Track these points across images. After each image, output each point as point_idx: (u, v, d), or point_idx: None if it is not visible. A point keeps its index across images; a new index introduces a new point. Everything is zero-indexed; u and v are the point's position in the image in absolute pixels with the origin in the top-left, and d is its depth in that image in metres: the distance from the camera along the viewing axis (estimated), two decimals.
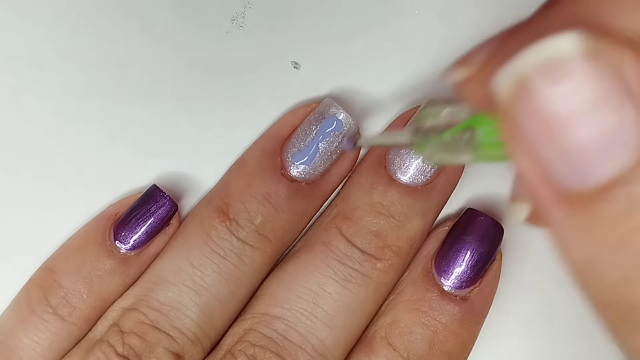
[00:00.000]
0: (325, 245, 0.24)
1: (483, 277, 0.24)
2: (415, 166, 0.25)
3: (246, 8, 0.27)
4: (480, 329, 0.25)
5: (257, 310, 0.24)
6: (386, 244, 0.24)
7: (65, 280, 0.24)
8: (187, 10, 0.27)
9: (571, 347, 0.26)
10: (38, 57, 0.27)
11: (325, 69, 0.27)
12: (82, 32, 0.27)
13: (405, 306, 0.24)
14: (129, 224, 0.25)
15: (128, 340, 0.23)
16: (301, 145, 0.25)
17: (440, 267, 0.24)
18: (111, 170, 0.27)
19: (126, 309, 0.24)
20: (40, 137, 0.27)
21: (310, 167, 0.25)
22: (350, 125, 0.25)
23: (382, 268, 0.24)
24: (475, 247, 0.24)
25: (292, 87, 0.27)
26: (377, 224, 0.24)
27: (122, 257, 0.25)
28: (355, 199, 0.25)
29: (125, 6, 0.27)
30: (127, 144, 0.27)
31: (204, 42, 0.27)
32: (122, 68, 0.27)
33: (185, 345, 0.24)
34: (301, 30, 0.27)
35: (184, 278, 0.24)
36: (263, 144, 0.26)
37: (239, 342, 0.23)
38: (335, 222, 0.25)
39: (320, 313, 0.24)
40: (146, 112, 0.27)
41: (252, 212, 0.25)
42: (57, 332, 0.24)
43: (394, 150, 0.25)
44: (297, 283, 0.24)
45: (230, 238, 0.24)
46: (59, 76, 0.27)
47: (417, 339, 0.23)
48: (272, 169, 0.25)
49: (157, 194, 0.25)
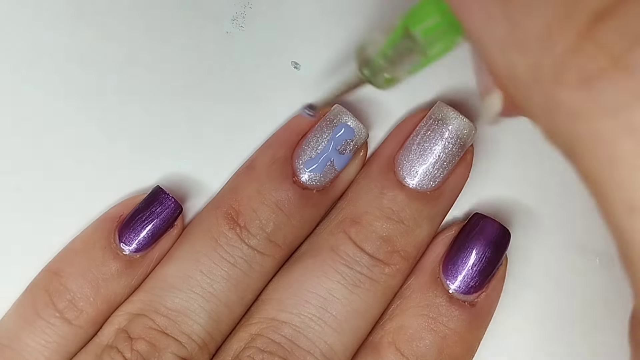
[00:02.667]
0: (333, 250, 0.24)
1: (490, 282, 0.25)
2: (423, 171, 0.25)
3: (246, 8, 0.27)
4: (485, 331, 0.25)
5: (264, 315, 0.24)
6: (395, 249, 0.24)
7: (72, 284, 0.24)
8: (187, 10, 0.27)
9: (572, 347, 0.27)
10: (38, 57, 0.27)
11: (325, 69, 0.27)
12: (83, 33, 0.27)
13: (413, 312, 0.24)
14: (133, 225, 0.25)
15: (136, 346, 0.23)
16: (312, 153, 0.25)
17: (449, 273, 0.24)
18: (114, 171, 0.27)
19: (134, 315, 0.24)
20: (43, 138, 0.26)
21: (322, 175, 0.25)
22: (361, 132, 0.25)
23: (390, 273, 0.24)
24: (483, 253, 0.24)
25: (292, 87, 0.27)
26: (386, 229, 0.24)
27: (128, 259, 0.25)
28: (364, 203, 0.25)
29: (125, 6, 0.27)
30: (129, 145, 0.27)
31: (204, 42, 0.27)
32: (123, 68, 0.27)
33: (193, 350, 0.24)
34: (301, 30, 0.27)
35: (193, 285, 0.24)
36: (273, 150, 0.26)
37: (247, 348, 0.24)
38: (343, 226, 0.25)
39: (328, 318, 0.24)
40: (147, 113, 0.27)
41: (263, 219, 0.25)
42: (64, 335, 0.24)
43: (402, 155, 0.25)
44: (305, 288, 0.24)
45: (240, 245, 0.24)
46: (59, 77, 0.27)
47: (426, 345, 0.24)
48: (283, 175, 0.25)
49: (161, 196, 0.25)
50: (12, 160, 0.26)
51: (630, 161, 0.11)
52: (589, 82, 0.11)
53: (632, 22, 0.11)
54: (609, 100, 0.11)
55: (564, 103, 0.12)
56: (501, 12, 0.12)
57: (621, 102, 0.11)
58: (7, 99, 0.26)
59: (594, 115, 0.11)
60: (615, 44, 0.11)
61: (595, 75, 0.11)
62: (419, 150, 0.25)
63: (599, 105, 0.11)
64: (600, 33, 0.11)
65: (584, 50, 0.11)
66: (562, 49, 0.11)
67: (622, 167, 0.11)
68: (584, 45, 0.11)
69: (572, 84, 0.11)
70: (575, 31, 0.11)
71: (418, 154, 0.25)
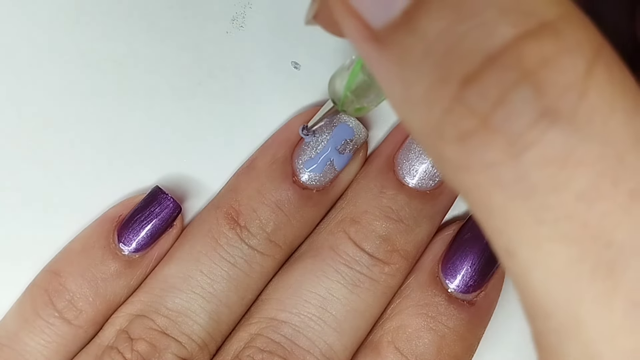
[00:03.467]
0: (332, 250, 0.24)
1: (489, 281, 0.25)
2: (423, 170, 0.25)
3: (246, 8, 0.27)
4: (485, 330, 0.25)
5: (264, 315, 0.24)
6: (394, 248, 0.24)
7: (71, 284, 0.24)
8: (187, 10, 0.27)
9: None
10: (38, 57, 0.27)
11: (325, 69, 0.27)
12: (83, 33, 0.27)
13: (412, 311, 0.24)
14: (132, 225, 0.25)
15: (137, 346, 0.23)
16: (312, 153, 0.25)
17: (448, 272, 0.24)
18: (113, 171, 0.27)
19: (134, 315, 0.24)
20: (42, 138, 0.26)
21: (322, 175, 0.25)
22: (361, 132, 0.25)
23: (389, 272, 0.24)
24: (483, 252, 0.24)
25: (292, 87, 0.27)
26: (386, 228, 0.24)
27: (127, 260, 0.25)
28: (363, 202, 0.25)
29: (125, 6, 0.27)
30: (128, 145, 0.27)
31: (204, 43, 0.27)
32: (123, 68, 0.27)
33: (193, 351, 0.24)
34: (301, 30, 0.27)
35: (193, 285, 0.24)
36: (273, 150, 0.26)
37: (247, 348, 0.24)
38: (343, 225, 0.25)
39: (328, 318, 0.24)
40: (147, 113, 0.27)
41: (263, 219, 0.25)
42: (63, 335, 0.24)
43: (401, 154, 0.25)
44: (305, 288, 0.24)
45: (240, 245, 0.24)
46: (59, 77, 0.27)
47: (425, 344, 0.24)
48: (283, 175, 0.25)
49: (160, 196, 0.25)
50: (12, 160, 0.26)
51: (501, 212, 0.12)
52: (464, 139, 0.12)
53: (494, 85, 0.12)
54: (481, 156, 0.12)
55: (447, 157, 0.13)
56: (396, 72, 0.13)
57: (489, 159, 0.12)
58: (7, 98, 0.26)
59: (471, 170, 0.12)
60: (481, 105, 0.12)
61: (467, 134, 0.12)
62: (419, 150, 0.25)
63: (472, 161, 0.12)
64: (468, 95, 0.12)
65: (456, 111, 0.12)
66: (439, 109, 0.12)
67: (495, 217, 0.12)
68: (456, 107, 0.12)
69: (451, 141, 0.12)
70: (449, 93, 0.12)
71: (417, 153, 0.25)
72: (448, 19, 0.12)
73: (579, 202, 0.12)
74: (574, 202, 0.12)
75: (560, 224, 0.12)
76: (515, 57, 0.12)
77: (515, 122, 0.12)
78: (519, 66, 0.12)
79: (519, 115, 0.12)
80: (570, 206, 0.12)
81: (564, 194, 0.12)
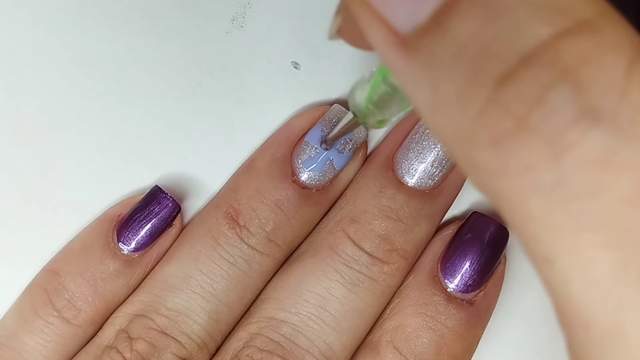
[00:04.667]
0: (332, 249, 0.24)
1: (488, 281, 0.25)
2: (422, 169, 0.25)
3: (246, 8, 0.27)
4: (484, 330, 0.25)
5: (263, 315, 0.24)
6: (394, 247, 0.24)
7: (70, 283, 0.24)
8: (187, 10, 0.27)
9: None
10: (38, 57, 0.27)
11: (325, 69, 0.27)
12: (83, 33, 0.27)
13: (411, 310, 0.24)
14: (131, 225, 0.25)
15: (136, 346, 0.23)
16: (312, 152, 0.25)
17: (447, 271, 0.24)
18: (113, 171, 0.27)
19: (134, 315, 0.24)
20: (42, 138, 0.26)
21: (321, 174, 0.25)
22: (361, 132, 0.25)
23: (389, 271, 0.24)
24: (482, 252, 0.24)
25: (292, 87, 0.27)
26: (385, 227, 0.24)
27: (126, 259, 0.25)
28: (363, 202, 0.25)
29: (125, 6, 0.27)
30: (128, 144, 0.27)
31: (204, 43, 0.27)
32: (123, 68, 0.27)
33: (193, 350, 0.24)
34: (301, 30, 0.27)
35: (193, 285, 0.24)
36: (273, 150, 0.26)
37: (246, 347, 0.24)
38: (342, 225, 0.25)
39: (327, 317, 0.24)
40: (147, 113, 0.27)
41: (263, 218, 0.25)
42: (62, 335, 0.24)
43: (401, 153, 0.25)
44: (304, 287, 0.24)
45: (240, 245, 0.24)
46: (59, 77, 0.27)
47: (424, 344, 0.24)
48: (282, 175, 0.25)
49: (159, 195, 0.25)
50: (12, 160, 0.26)
51: (540, 218, 0.12)
52: (499, 143, 0.12)
53: (531, 85, 0.11)
54: (518, 159, 0.12)
55: (481, 162, 0.12)
56: (424, 77, 0.12)
57: (527, 162, 0.11)
58: (7, 99, 0.27)
59: (506, 175, 0.12)
60: (518, 106, 0.11)
61: (503, 137, 0.12)
62: (418, 149, 0.25)
63: (509, 165, 0.12)
64: (504, 96, 0.11)
65: (492, 112, 0.12)
66: (473, 112, 0.12)
67: (533, 224, 0.12)
68: (491, 108, 0.12)
69: (485, 145, 0.12)
70: (483, 95, 0.12)
71: (417, 153, 0.25)
72: (479, 19, 0.12)
73: (623, 206, 0.11)
74: (618, 207, 0.11)
75: (603, 230, 0.11)
76: (553, 56, 0.11)
77: (554, 122, 0.11)
78: (557, 65, 0.11)
79: (558, 115, 0.11)
80: (614, 211, 0.11)
81: (606, 198, 0.11)
